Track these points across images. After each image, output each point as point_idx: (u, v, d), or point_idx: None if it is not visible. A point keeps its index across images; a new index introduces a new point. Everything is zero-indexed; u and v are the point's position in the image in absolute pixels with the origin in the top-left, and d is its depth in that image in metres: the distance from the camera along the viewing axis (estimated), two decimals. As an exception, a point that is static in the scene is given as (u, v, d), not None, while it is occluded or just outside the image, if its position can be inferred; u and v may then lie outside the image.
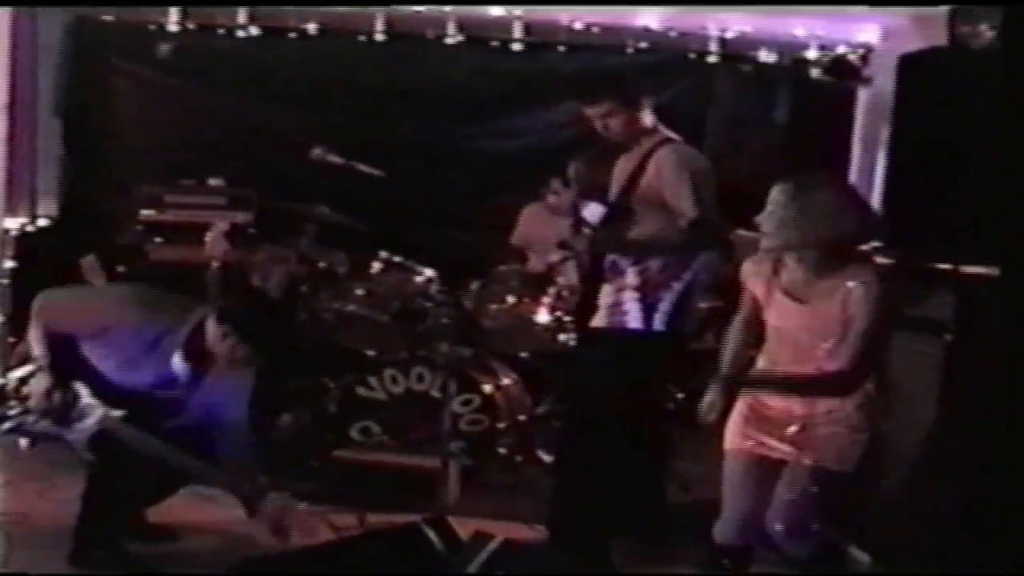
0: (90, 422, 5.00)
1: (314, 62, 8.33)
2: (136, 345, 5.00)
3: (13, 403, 5.05)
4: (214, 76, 8.50)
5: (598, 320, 5.42)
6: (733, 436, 4.61)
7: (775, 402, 4.52)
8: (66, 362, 5.04)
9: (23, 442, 6.33)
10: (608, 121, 5.41)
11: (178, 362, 5.03)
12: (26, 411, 5.05)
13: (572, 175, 5.63)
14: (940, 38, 6.07)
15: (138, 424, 4.98)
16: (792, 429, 4.45)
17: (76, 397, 5.04)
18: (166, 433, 5.00)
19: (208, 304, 5.16)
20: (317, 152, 6.41)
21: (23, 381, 5.04)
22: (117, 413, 4.99)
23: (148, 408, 5.05)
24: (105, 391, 5.04)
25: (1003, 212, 4.72)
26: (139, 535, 5.39)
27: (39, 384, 5.01)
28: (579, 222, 5.55)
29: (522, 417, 6.81)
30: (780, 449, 4.48)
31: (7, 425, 5.09)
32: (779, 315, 4.51)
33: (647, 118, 5.44)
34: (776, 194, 4.42)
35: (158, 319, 5.03)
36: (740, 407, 4.61)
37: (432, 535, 4.79)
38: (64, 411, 5.02)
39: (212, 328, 4.93)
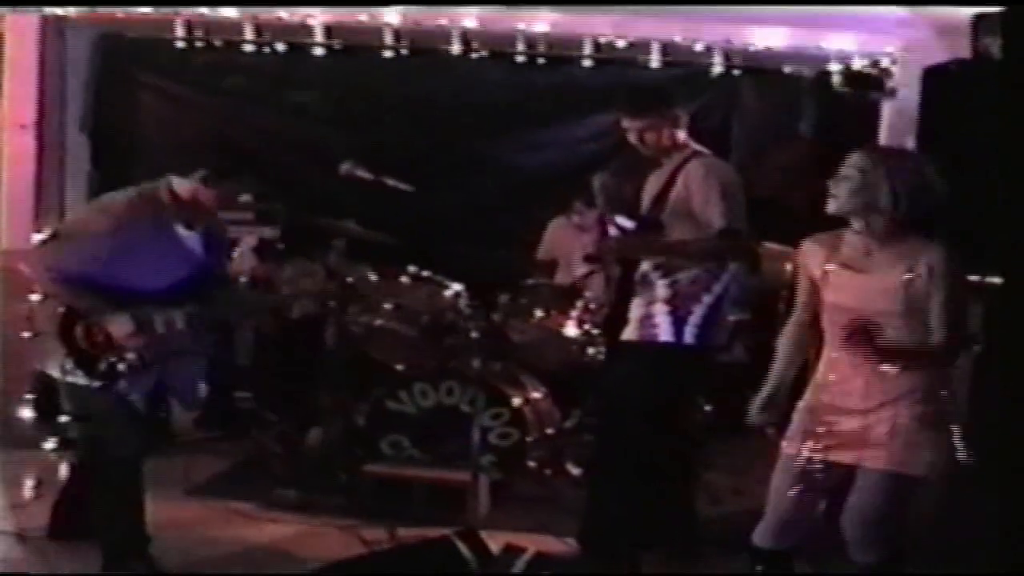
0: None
1: (340, 77, 8.40)
2: (142, 241, 5.00)
3: (111, 357, 5.03)
4: (239, 91, 8.56)
5: (629, 333, 5.42)
6: (792, 441, 4.50)
7: (838, 407, 4.40)
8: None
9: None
10: (645, 134, 5.43)
11: (183, 231, 5.13)
12: (130, 359, 5.03)
13: (597, 188, 5.64)
14: (963, 50, 6.13)
15: None
16: (854, 429, 4.35)
17: (151, 323, 5.08)
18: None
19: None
20: (346, 167, 6.42)
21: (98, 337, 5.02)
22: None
23: None
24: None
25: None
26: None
27: (120, 328, 4.99)
28: (605, 234, 5.59)
29: (551, 431, 6.82)
30: (844, 455, 4.38)
31: (123, 368, 5.04)
32: (835, 290, 4.39)
33: (681, 134, 5.47)
34: (859, 159, 4.36)
35: (135, 209, 5.07)
36: (802, 412, 4.52)
37: (463, 549, 4.81)
38: (152, 344, 5.07)
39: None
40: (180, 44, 8.08)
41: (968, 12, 6.08)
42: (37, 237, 7.39)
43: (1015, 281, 5.20)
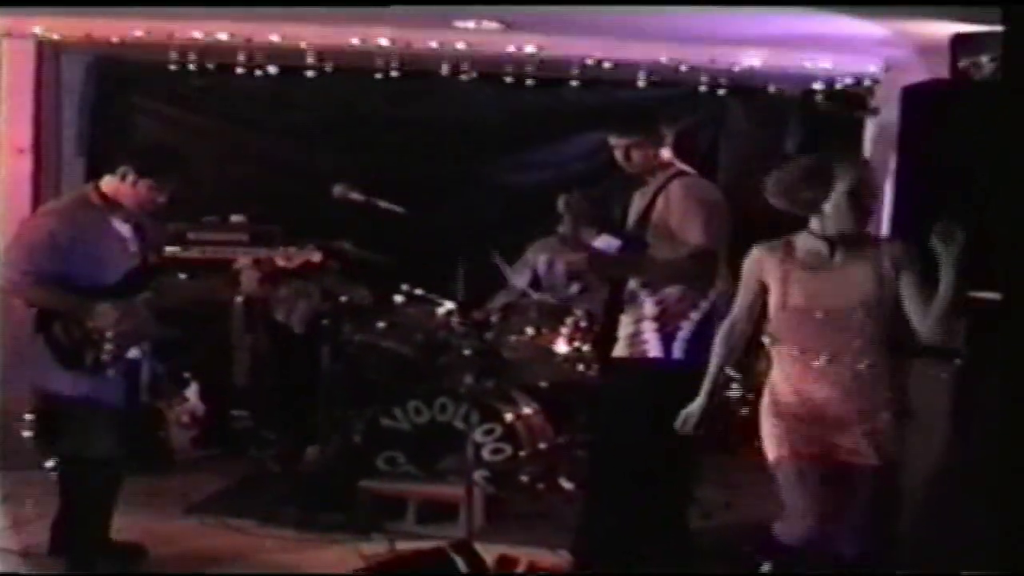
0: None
1: (331, 100, 8.46)
2: (85, 238, 5.32)
3: (99, 346, 5.28)
4: (234, 114, 8.64)
5: (619, 350, 5.49)
6: (772, 444, 4.63)
7: (808, 408, 4.53)
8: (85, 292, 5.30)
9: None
10: (631, 151, 5.51)
11: (120, 225, 5.43)
12: (116, 344, 5.31)
13: (562, 206, 5.72)
14: (943, 70, 6.21)
15: None
16: (830, 428, 4.49)
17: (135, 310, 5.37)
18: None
19: None
20: (339, 190, 6.51)
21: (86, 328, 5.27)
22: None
23: None
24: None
25: (1008, 238, 4.86)
26: (109, 554, 5.56)
27: (105, 317, 5.26)
28: (593, 252, 5.69)
29: (544, 446, 6.93)
30: (824, 453, 4.52)
31: (107, 357, 5.30)
32: (796, 292, 4.52)
33: (666, 152, 5.57)
34: (817, 162, 4.53)
35: (71, 208, 5.44)
36: (767, 416, 4.66)
37: (458, 560, 4.92)
38: (136, 328, 5.37)
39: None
40: (173, 68, 8.12)
41: (948, 31, 6.17)
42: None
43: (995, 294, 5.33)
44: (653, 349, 5.39)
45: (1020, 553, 4.46)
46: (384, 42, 7.77)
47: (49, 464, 6.95)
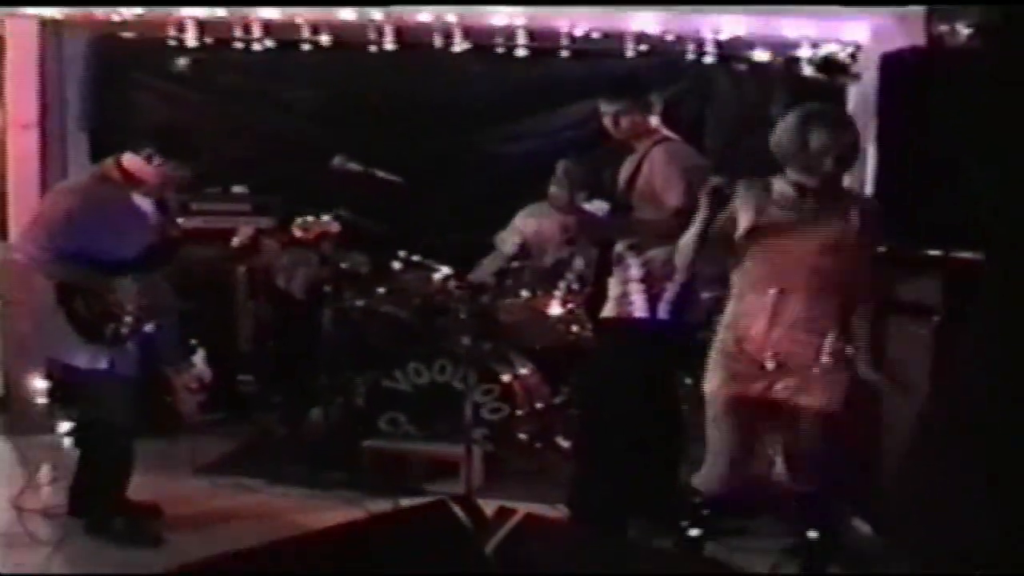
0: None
1: (327, 73, 8.54)
2: (106, 212, 5.47)
3: (120, 320, 5.45)
4: (231, 88, 8.76)
5: (607, 311, 5.73)
6: (716, 381, 4.80)
7: (754, 342, 4.70)
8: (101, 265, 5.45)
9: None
10: (620, 118, 5.73)
11: (140, 200, 5.56)
12: (135, 318, 5.48)
13: (560, 173, 5.90)
14: (920, 36, 6.35)
15: None
16: (771, 367, 4.66)
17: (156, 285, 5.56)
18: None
19: None
20: (337, 161, 6.68)
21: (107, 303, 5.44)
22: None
23: None
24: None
25: (986, 200, 5.06)
26: (126, 514, 5.77)
27: (125, 292, 5.43)
28: (583, 216, 5.90)
29: (540, 405, 7.12)
30: (766, 391, 4.69)
31: (126, 331, 5.47)
32: (768, 226, 4.68)
33: (654, 120, 5.77)
34: (802, 114, 4.70)
35: (92, 184, 5.56)
36: (718, 350, 4.83)
37: (459, 511, 5.12)
38: (156, 302, 5.55)
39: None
40: (171, 44, 8.22)
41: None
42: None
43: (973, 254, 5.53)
44: (639, 310, 5.61)
45: (1004, 508, 4.71)
46: (378, 16, 7.88)
47: (63, 429, 7.22)
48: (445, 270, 7.27)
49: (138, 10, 7.79)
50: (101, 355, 5.49)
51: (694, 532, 4.95)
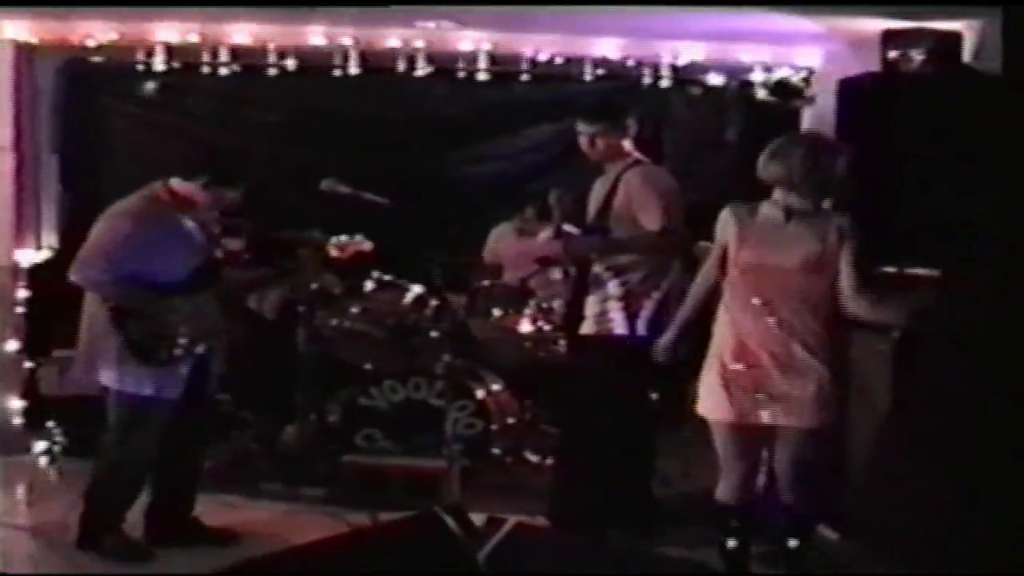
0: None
1: (293, 97, 8.68)
2: (158, 235, 5.58)
3: (173, 341, 5.58)
4: (198, 112, 8.83)
5: (586, 328, 5.92)
6: (713, 405, 4.98)
7: (745, 362, 4.88)
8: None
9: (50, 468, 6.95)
10: (596, 140, 5.95)
11: (189, 224, 5.71)
12: (188, 340, 5.60)
13: (553, 202, 6.14)
14: (875, 62, 6.53)
15: None
16: (777, 389, 4.83)
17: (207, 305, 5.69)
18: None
19: None
20: (327, 183, 6.79)
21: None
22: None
23: None
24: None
25: (943, 218, 5.30)
26: (201, 539, 5.93)
27: (179, 312, 5.56)
28: (569, 240, 6.11)
29: (512, 420, 7.30)
30: (762, 415, 4.87)
31: (179, 352, 5.59)
32: (752, 252, 4.88)
33: (627, 143, 5.98)
34: (797, 140, 5.01)
35: (143, 208, 5.64)
36: (711, 375, 4.99)
37: (450, 521, 5.27)
38: (207, 323, 5.69)
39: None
40: (140, 68, 8.32)
41: (879, 26, 6.50)
42: (18, 253, 7.85)
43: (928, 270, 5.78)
44: (619, 327, 5.82)
45: (962, 513, 4.94)
46: (346, 41, 8.04)
47: (38, 449, 7.31)
48: (416, 289, 7.40)
49: (112, 35, 7.88)
50: (148, 379, 5.59)
51: (731, 544, 5.13)
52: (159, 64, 8.33)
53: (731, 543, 5.13)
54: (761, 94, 8.31)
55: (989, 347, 4.91)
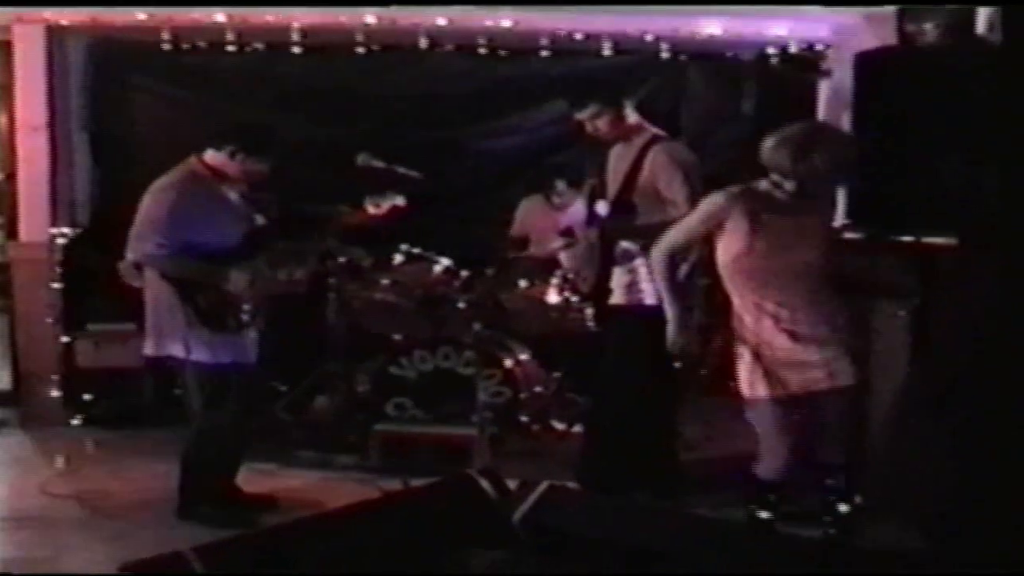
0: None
1: (318, 74, 8.76)
2: (201, 206, 5.78)
3: (239, 308, 5.78)
4: (225, 89, 8.87)
5: (616, 298, 6.11)
6: (756, 388, 5.09)
7: (782, 343, 5.02)
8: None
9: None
10: (596, 123, 6.09)
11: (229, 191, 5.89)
12: (253, 305, 5.82)
13: (588, 189, 6.30)
14: (888, 34, 6.70)
15: None
16: (810, 358, 4.99)
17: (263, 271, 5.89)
18: None
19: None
20: (362, 158, 7.00)
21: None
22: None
23: None
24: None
25: (960, 188, 5.44)
26: (242, 505, 6.09)
27: (239, 280, 5.74)
28: (592, 217, 6.26)
29: (539, 389, 7.46)
30: (809, 383, 5.01)
31: (246, 318, 5.80)
32: (769, 233, 4.98)
33: (631, 116, 6.12)
34: (801, 129, 5.06)
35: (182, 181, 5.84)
36: (747, 357, 5.12)
37: (485, 484, 5.44)
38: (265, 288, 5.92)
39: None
40: (167, 47, 8.45)
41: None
42: (52, 230, 8.01)
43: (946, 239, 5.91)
44: (649, 297, 5.99)
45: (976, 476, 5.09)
46: (370, 20, 8.14)
47: (76, 421, 7.50)
48: (445, 261, 7.54)
49: (141, 16, 8.02)
50: (222, 348, 5.78)
51: (764, 515, 5.25)
52: (185, 44, 8.48)
53: (764, 514, 5.25)
54: (777, 68, 8.45)
55: (1004, 316, 5.04)
